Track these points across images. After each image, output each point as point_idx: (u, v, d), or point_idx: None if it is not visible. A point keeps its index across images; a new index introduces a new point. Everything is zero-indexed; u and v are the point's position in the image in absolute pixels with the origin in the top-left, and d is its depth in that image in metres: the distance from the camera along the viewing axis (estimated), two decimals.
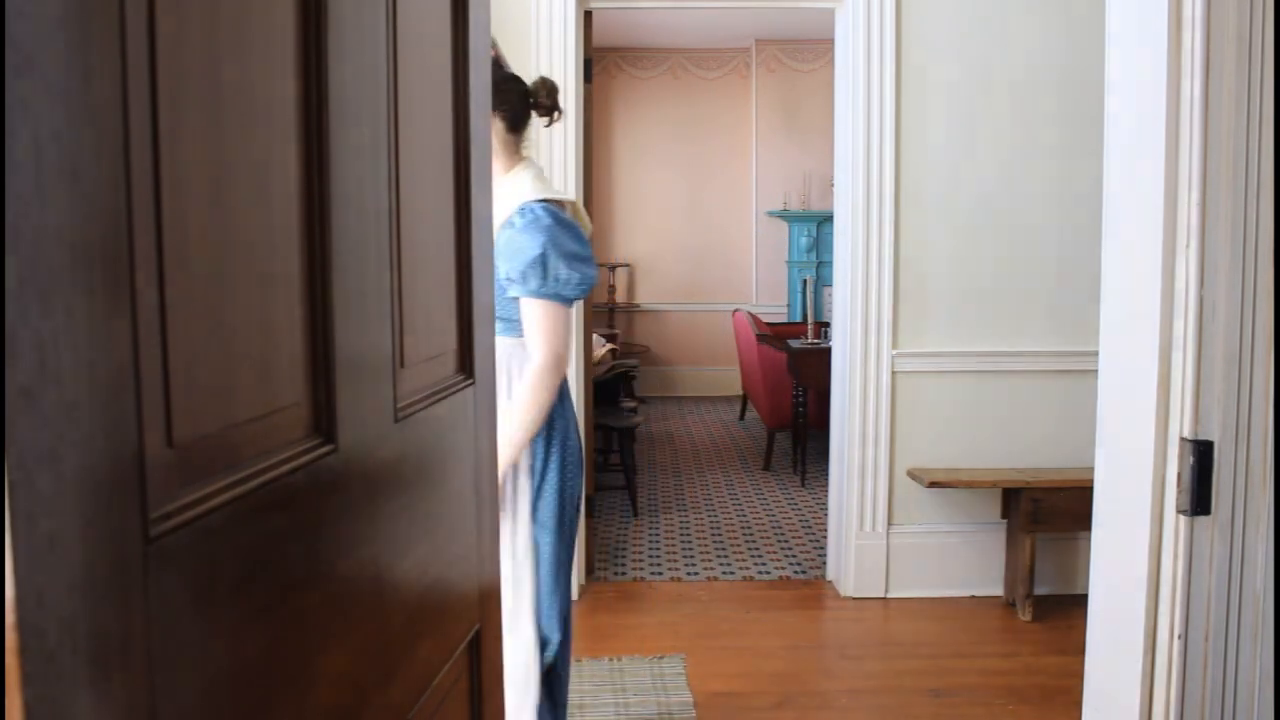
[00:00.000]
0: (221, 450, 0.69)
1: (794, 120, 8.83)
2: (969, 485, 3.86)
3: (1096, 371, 1.45)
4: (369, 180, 0.94)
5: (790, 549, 4.76)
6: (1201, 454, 1.22)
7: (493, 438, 1.41)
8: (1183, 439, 1.24)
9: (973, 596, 4.02)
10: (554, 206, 2.19)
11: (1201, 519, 1.23)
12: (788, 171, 8.88)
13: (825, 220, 8.54)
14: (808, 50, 8.74)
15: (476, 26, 1.31)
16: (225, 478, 0.69)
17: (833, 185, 4.52)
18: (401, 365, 1.03)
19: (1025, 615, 3.79)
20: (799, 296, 8.74)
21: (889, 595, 4.03)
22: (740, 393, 8.21)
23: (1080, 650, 1.49)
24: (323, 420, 0.84)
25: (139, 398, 0.57)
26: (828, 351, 4.61)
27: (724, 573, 4.40)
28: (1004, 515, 3.97)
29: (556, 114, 2.33)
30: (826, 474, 4.46)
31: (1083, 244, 3.76)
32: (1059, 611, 3.80)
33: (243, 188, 0.72)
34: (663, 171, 9.05)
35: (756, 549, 4.77)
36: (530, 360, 2.15)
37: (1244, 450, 1.22)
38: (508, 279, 2.14)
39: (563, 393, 2.27)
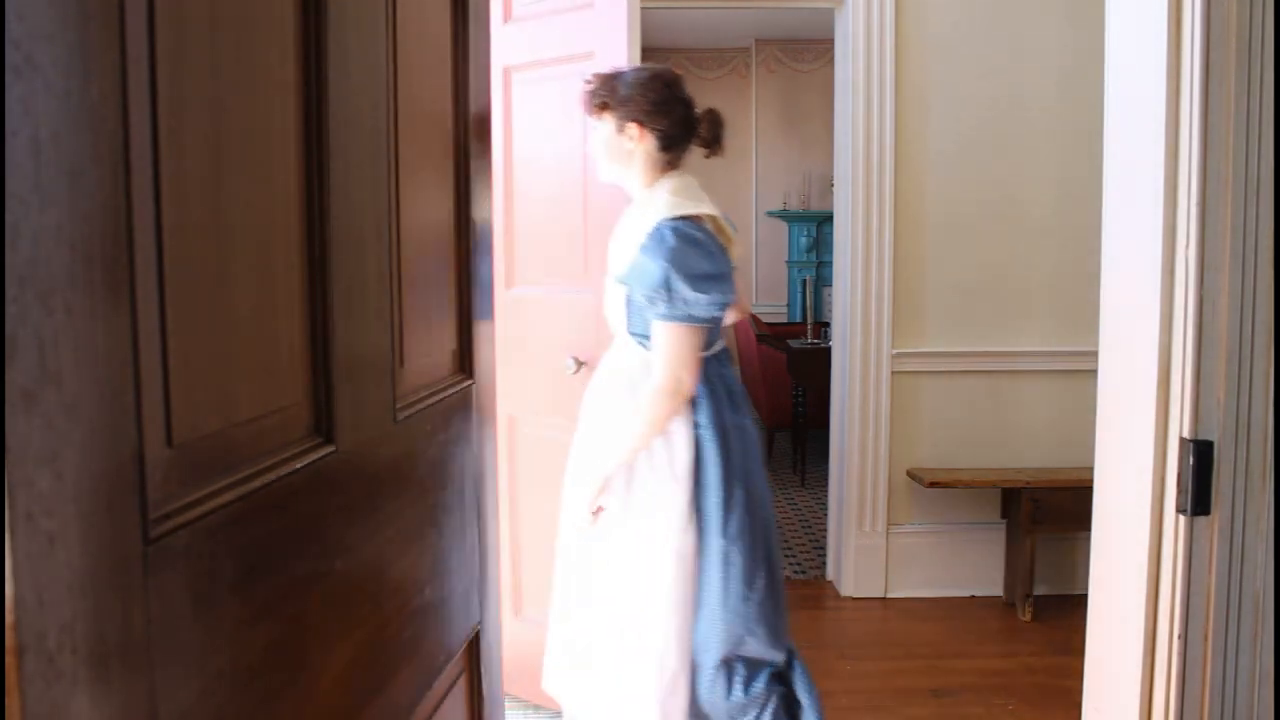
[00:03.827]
0: (221, 450, 0.69)
1: (794, 120, 8.83)
2: (969, 485, 3.86)
3: (1096, 371, 1.45)
4: (368, 180, 0.94)
5: (790, 549, 4.76)
6: (1201, 454, 1.22)
7: (492, 436, 1.40)
8: (1183, 439, 1.24)
9: (973, 596, 4.01)
10: (689, 223, 2.12)
11: (1201, 519, 1.23)
12: (788, 171, 8.88)
13: (825, 220, 8.53)
14: (808, 50, 8.73)
15: (476, 26, 1.30)
16: (225, 478, 0.69)
17: (833, 185, 4.52)
18: (401, 364, 1.03)
19: (1025, 615, 3.78)
20: (799, 296, 8.74)
21: (889, 595, 4.02)
22: None
23: (1080, 650, 1.49)
24: (323, 420, 0.84)
25: (139, 398, 0.57)
26: (827, 351, 4.61)
27: None
28: (1004, 515, 3.96)
29: (716, 148, 2.29)
30: (826, 474, 4.46)
31: (1082, 243, 3.76)
32: (1059, 611, 3.80)
33: (242, 188, 0.72)
34: None
35: None
36: (649, 380, 2.10)
37: (1244, 450, 1.22)
38: (639, 301, 2.12)
39: (735, 404, 2.22)
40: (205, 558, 0.65)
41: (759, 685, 2.21)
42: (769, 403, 6.32)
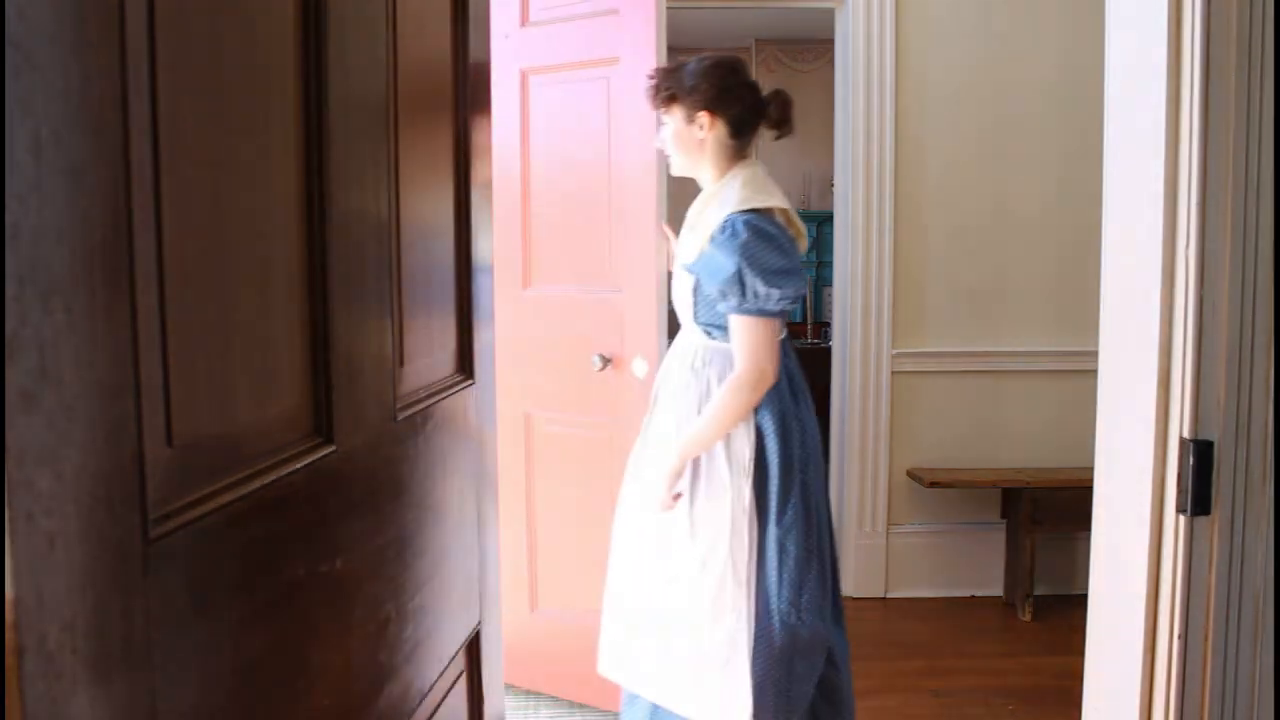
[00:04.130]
0: (221, 450, 0.69)
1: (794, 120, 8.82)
2: (969, 485, 3.86)
3: (1096, 371, 1.45)
4: (369, 180, 0.94)
5: None
6: (1201, 454, 1.22)
7: (492, 437, 1.41)
8: (1183, 439, 1.24)
9: (973, 596, 4.01)
10: (761, 216, 2.12)
11: (1201, 519, 1.23)
12: (788, 171, 8.85)
13: (825, 220, 8.51)
14: (808, 50, 8.73)
15: (476, 27, 1.30)
16: (225, 478, 0.69)
17: (833, 185, 4.52)
18: (401, 365, 1.03)
19: (1025, 615, 3.78)
20: None
21: (889, 595, 4.02)
22: None
23: (1080, 650, 1.49)
24: (322, 420, 0.84)
25: (139, 398, 0.57)
26: (827, 351, 4.61)
27: None
28: (1004, 515, 3.96)
29: (786, 128, 2.28)
30: (826, 474, 4.47)
31: (1082, 243, 3.75)
32: (1059, 611, 3.80)
33: (242, 187, 0.72)
34: None
35: None
36: (733, 371, 2.13)
37: (1244, 450, 1.22)
38: (712, 294, 2.13)
39: (795, 394, 2.25)
40: (205, 558, 0.65)
41: (808, 687, 2.22)
42: None
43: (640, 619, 2.28)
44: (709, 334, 2.20)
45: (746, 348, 2.10)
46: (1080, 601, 1.54)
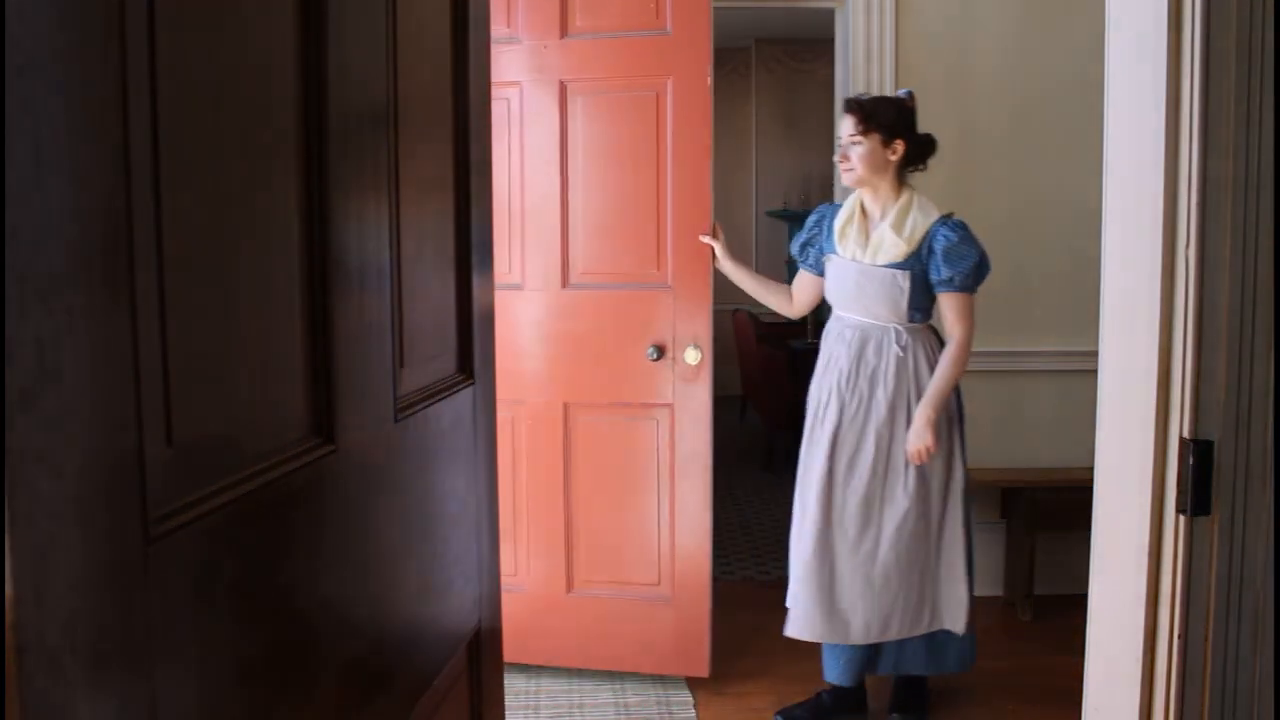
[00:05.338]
0: (221, 450, 0.69)
1: (794, 120, 8.82)
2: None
3: (1096, 371, 1.45)
4: (369, 179, 0.94)
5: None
6: (1201, 454, 1.22)
7: (491, 437, 1.40)
8: (1183, 439, 1.24)
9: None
10: (960, 220, 2.80)
11: (1201, 519, 1.23)
12: (788, 171, 8.86)
13: None
14: (808, 50, 8.73)
15: (476, 29, 1.31)
16: (225, 478, 0.69)
17: (833, 185, 4.51)
18: (401, 365, 1.03)
19: (1025, 615, 3.78)
20: None
21: None
22: (740, 393, 8.20)
23: (1080, 650, 1.49)
24: (323, 420, 0.84)
25: (139, 398, 0.57)
26: None
27: (724, 573, 4.40)
28: (1004, 515, 3.96)
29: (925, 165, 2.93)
30: None
31: (1082, 244, 3.75)
32: (1059, 611, 3.79)
33: (243, 187, 0.72)
34: None
35: (756, 549, 4.77)
36: (953, 338, 2.77)
37: (1244, 450, 1.22)
38: (946, 279, 2.73)
39: None
40: (205, 558, 0.65)
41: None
42: (769, 403, 6.32)
43: (887, 572, 2.78)
44: (911, 318, 2.80)
45: (969, 317, 2.77)
46: (1080, 601, 1.54)
